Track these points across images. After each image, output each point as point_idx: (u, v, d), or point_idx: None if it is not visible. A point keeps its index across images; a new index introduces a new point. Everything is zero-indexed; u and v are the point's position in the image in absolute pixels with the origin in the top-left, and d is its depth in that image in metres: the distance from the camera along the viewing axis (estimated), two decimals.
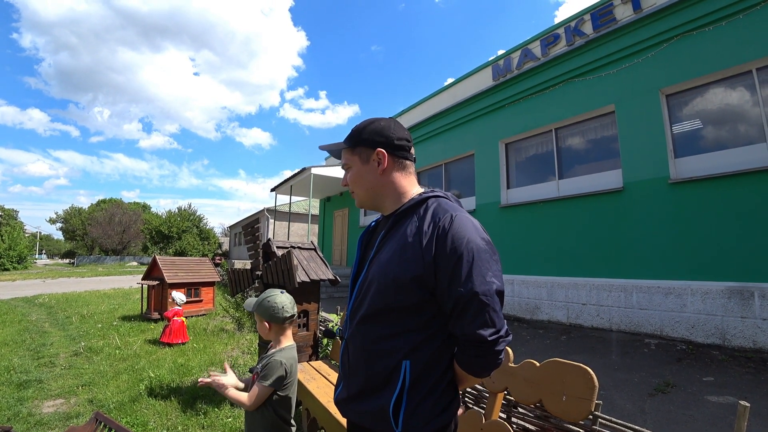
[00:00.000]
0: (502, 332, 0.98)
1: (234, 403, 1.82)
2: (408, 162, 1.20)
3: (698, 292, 5.17)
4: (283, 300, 1.99)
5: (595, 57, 6.84)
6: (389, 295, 1.04)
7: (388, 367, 1.04)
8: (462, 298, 0.96)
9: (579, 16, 7.22)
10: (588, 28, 7.03)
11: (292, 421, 1.97)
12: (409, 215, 1.11)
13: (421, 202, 1.12)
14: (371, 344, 1.08)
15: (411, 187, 1.19)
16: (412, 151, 1.22)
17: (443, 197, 1.14)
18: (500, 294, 0.99)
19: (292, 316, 2.03)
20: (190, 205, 52.74)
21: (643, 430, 1.70)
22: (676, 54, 5.80)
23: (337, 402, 1.20)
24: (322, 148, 1.28)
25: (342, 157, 1.24)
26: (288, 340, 2.02)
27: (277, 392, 1.86)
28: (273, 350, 1.96)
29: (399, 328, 1.04)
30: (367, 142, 1.16)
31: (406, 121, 11.84)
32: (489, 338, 0.96)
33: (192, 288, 8.75)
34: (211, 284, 9.26)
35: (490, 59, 9.24)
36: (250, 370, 1.98)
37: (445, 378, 1.08)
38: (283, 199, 16.96)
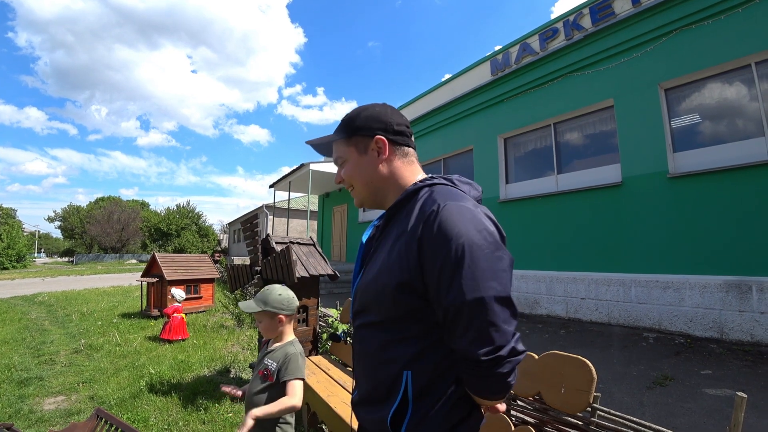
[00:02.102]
0: (504, 351, 0.79)
1: (283, 413, 1.78)
2: (409, 149, 1.07)
3: (696, 286, 5.19)
4: (290, 291, 2.02)
5: (594, 51, 6.82)
6: (382, 304, 0.92)
7: (390, 377, 0.92)
8: (451, 307, 0.80)
9: (578, 10, 7.19)
10: (587, 22, 7.01)
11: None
12: (401, 209, 0.98)
13: (414, 192, 0.97)
14: (373, 351, 0.97)
15: (414, 176, 1.05)
16: (413, 138, 1.10)
17: (441, 183, 0.99)
18: (502, 301, 0.80)
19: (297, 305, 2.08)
20: (188, 203, 52.66)
21: (641, 422, 1.72)
22: (675, 48, 5.79)
23: (352, 404, 1.12)
24: (309, 143, 1.12)
25: (335, 151, 1.10)
26: (292, 334, 2.03)
27: None
28: (281, 344, 1.96)
29: (398, 335, 0.91)
30: (363, 130, 1.03)
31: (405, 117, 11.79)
32: (482, 358, 0.79)
33: (191, 285, 8.75)
34: (210, 281, 9.27)
35: (488, 54, 9.22)
36: (251, 366, 1.97)
37: (459, 389, 0.91)
38: (281, 196, 16.97)
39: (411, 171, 1.05)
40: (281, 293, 1.97)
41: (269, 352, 1.95)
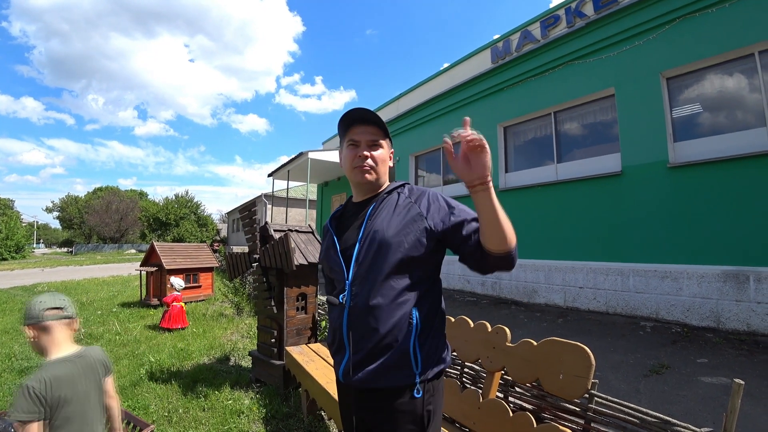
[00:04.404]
0: None
1: None
2: None
3: (694, 276, 5.20)
4: (40, 297, 1.56)
5: (596, 39, 6.73)
6: (404, 249, 1.23)
7: (404, 318, 1.21)
8: (472, 222, 1.25)
9: None
10: (589, 9, 6.91)
11: None
12: (392, 194, 1.38)
13: (399, 186, 1.42)
14: (387, 300, 1.21)
15: (388, 178, 1.50)
16: None
17: (410, 184, 1.45)
18: None
19: (58, 308, 1.54)
20: (187, 192, 52.53)
21: (637, 407, 1.73)
22: (678, 36, 5.71)
23: (347, 372, 1.24)
24: (367, 110, 1.36)
25: (371, 133, 1.36)
26: (59, 351, 1.50)
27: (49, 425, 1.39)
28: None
29: (409, 280, 1.23)
30: (390, 139, 1.44)
31: (404, 105, 11.72)
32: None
33: (191, 274, 8.76)
34: (209, 270, 9.28)
35: (488, 41, 9.10)
36: None
37: (443, 323, 1.34)
38: (280, 185, 16.91)
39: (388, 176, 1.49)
40: (31, 302, 1.54)
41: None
